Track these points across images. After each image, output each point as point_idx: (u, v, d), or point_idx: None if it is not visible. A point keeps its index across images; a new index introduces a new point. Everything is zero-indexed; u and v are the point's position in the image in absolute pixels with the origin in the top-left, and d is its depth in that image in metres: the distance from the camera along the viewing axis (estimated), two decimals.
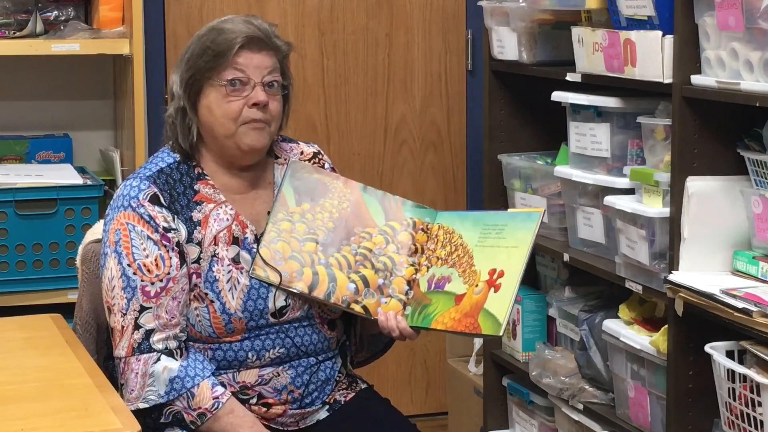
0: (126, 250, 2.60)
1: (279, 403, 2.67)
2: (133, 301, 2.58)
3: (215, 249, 2.63)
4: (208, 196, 2.66)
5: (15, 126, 4.08)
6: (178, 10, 4.28)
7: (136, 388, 2.58)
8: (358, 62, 4.49)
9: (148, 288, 2.58)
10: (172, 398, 2.57)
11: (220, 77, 2.61)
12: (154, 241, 2.59)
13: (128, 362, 2.59)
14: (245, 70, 2.62)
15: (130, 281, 2.58)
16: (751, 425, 2.63)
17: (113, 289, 2.60)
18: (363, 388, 2.82)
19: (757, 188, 2.86)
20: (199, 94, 2.64)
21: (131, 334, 2.58)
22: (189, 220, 2.63)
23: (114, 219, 2.63)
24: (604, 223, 3.28)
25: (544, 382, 3.52)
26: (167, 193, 2.63)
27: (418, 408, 4.61)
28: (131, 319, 2.58)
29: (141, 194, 2.61)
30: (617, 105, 3.19)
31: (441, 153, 4.60)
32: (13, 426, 2.17)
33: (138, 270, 2.58)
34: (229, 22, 2.65)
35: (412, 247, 2.71)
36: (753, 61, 2.69)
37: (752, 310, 2.61)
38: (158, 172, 2.66)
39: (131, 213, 2.61)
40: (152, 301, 2.58)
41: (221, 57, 2.61)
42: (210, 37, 2.63)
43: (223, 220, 2.64)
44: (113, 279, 2.60)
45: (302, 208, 2.70)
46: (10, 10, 3.82)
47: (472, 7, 4.41)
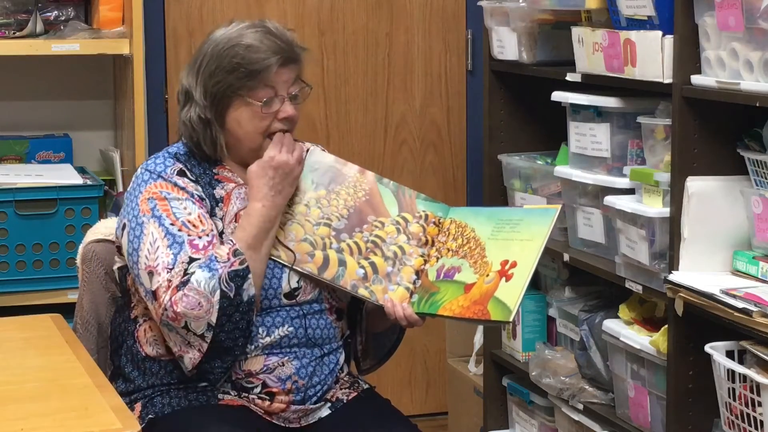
0: (165, 212, 2.62)
1: (282, 392, 2.68)
2: (181, 255, 2.59)
3: (235, 227, 2.67)
4: (228, 177, 2.73)
5: (15, 126, 4.08)
6: (178, 10, 4.28)
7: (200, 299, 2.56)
8: (358, 62, 4.49)
9: (196, 241, 2.61)
10: (215, 267, 2.56)
11: (253, 96, 2.66)
12: (192, 202, 2.64)
13: (174, 301, 2.56)
14: (275, 87, 2.68)
15: (176, 238, 2.60)
16: (751, 425, 2.63)
17: (156, 251, 2.60)
18: (365, 388, 2.84)
19: (757, 188, 2.86)
20: (228, 108, 2.68)
21: (177, 281, 2.57)
22: (212, 197, 2.68)
23: (143, 191, 2.65)
24: (604, 223, 3.28)
25: (544, 382, 3.52)
26: (192, 171, 2.69)
27: (418, 408, 4.61)
28: (179, 270, 2.58)
29: (168, 169, 2.68)
30: (617, 105, 3.19)
31: (441, 153, 4.60)
32: (13, 426, 2.17)
33: (183, 226, 2.61)
34: (253, 37, 2.67)
35: (423, 239, 2.76)
36: (753, 61, 2.69)
37: (752, 310, 2.61)
38: (175, 155, 2.72)
39: (163, 182, 2.65)
40: (201, 252, 2.60)
41: (256, 77, 2.65)
42: (238, 53, 2.65)
43: (243, 199, 2.70)
44: (156, 242, 2.60)
45: (318, 193, 2.76)
46: (10, 10, 3.82)
47: (472, 7, 4.41)
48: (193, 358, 2.61)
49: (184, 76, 2.73)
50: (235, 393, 2.68)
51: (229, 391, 2.68)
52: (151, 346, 2.71)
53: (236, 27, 2.71)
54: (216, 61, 2.67)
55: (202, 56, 2.69)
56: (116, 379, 2.76)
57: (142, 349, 2.72)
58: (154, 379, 2.70)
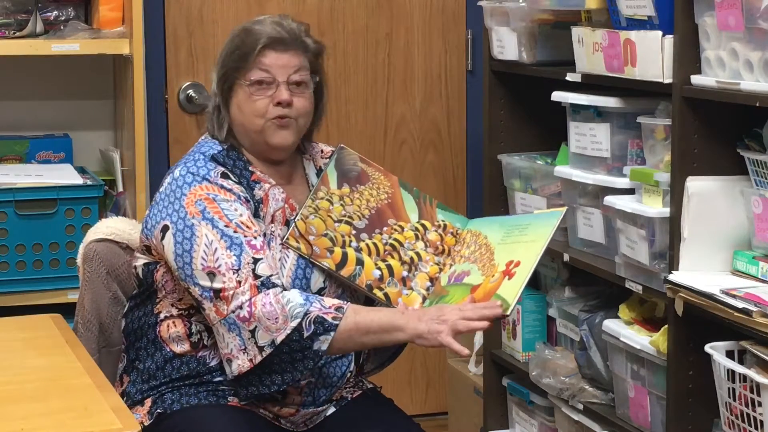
0: (217, 214, 2.63)
1: (295, 392, 2.68)
2: (244, 256, 2.60)
3: (273, 227, 2.71)
4: (262, 177, 2.75)
5: (15, 126, 4.08)
6: (178, 10, 4.28)
7: (278, 313, 2.57)
8: (358, 62, 4.49)
9: (253, 242, 2.63)
10: (312, 302, 2.57)
11: (246, 77, 2.71)
12: (240, 203, 2.66)
13: (255, 301, 2.58)
14: (270, 70, 2.71)
15: (234, 239, 2.61)
16: (751, 425, 2.63)
17: (215, 252, 2.60)
18: (369, 387, 2.85)
19: (757, 188, 2.86)
20: (231, 92, 2.74)
21: (252, 281, 2.59)
22: (253, 198, 2.71)
23: (188, 194, 2.66)
24: (604, 223, 3.28)
25: (544, 382, 3.52)
26: (232, 173, 2.72)
27: (418, 408, 4.61)
28: (248, 271, 2.60)
29: (211, 172, 2.69)
30: (617, 105, 3.19)
31: (441, 153, 4.60)
32: (13, 426, 2.17)
33: (238, 228, 2.63)
34: (260, 24, 2.75)
35: (440, 248, 2.79)
36: (753, 61, 2.69)
37: (752, 310, 2.61)
38: (212, 156, 2.74)
39: (209, 185, 2.67)
40: (261, 252, 2.62)
41: (246, 58, 2.71)
42: (240, 38, 2.74)
43: (279, 200, 2.74)
44: (212, 243, 2.61)
45: (342, 191, 2.80)
46: (10, 10, 3.82)
47: (472, 7, 4.41)
48: (242, 365, 2.60)
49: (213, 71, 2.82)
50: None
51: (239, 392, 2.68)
52: (175, 342, 2.71)
53: (253, 20, 2.79)
54: (226, 48, 2.76)
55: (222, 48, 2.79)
56: (129, 372, 2.76)
57: (165, 345, 2.72)
58: (174, 374, 2.70)
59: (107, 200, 3.83)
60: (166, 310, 2.73)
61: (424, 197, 2.84)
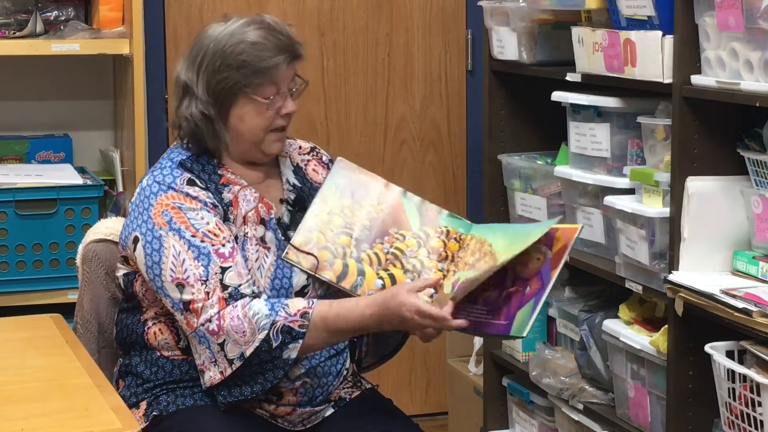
0: (183, 224, 2.62)
1: (290, 392, 2.68)
2: (211, 266, 2.59)
3: (245, 229, 2.68)
4: (232, 179, 2.72)
5: (15, 126, 4.08)
6: (178, 10, 4.28)
7: (246, 327, 2.57)
8: (358, 62, 4.49)
9: (221, 250, 2.61)
10: (277, 311, 2.57)
11: (260, 93, 2.67)
12: (207, 211, 2.64)
13: (223, 315, 2.57)
14: (280, 84, 2.69)
15: (201, 249, 2.60)
16: (751, 425, 2.63)
17: (183, 263, 2.60)
18: (368, 387, 2.84)
19: (757, 188, 2.86)
20: (232, 104, 2.68)
21: (220, 293, 2.58)
22: (222, 202, 2.68)
23: (155, 204, 2.64)
24: (604, 223, 3.28)
25: (544, 382, 3.52)
26: (199, 179, 2.69)
27: (418, 408, 4.61)
28: (215, 282, 2.59)
29: (177, 180, 2.67)
30: (617, 105, 3.19)
31: (441, 153, 4.60)
32: (13, 426, 2.17)
33: (205, 237, 2.61)
34: (257, 34, 2.66)
35: (443, 254, 2.76)
36: (753, 61, 2.69)
37: (752, 310, 2.61)
38: (180, 163, 2.71)
39: (175, 193, 2.65)
40: (229, 260, 2.61)
41: (264, 75, 2.66)
42: (245, 50, 2.65)
43: (250, 201, 2.71)
44: (180, 254, 2.60)
45: (342, 203, 2.77)
46: (10, 10, 3.82)
47: (472, 7, 4.41)
48: (213, 378, 2.61)
49: (181, 70, 2.72)
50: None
51: None
52: (164, 349, 2.71)
53: (236, 23, 2.70)
54: (220, 58, 2.66)
55: (203, 52, 2.68)
56: (125, 377, 2.76)
57: (155, 351, 2.72)
58: (167, 377, 2.70)
59: (107, 200, 3.83)
60: (153, 318, 2.72)
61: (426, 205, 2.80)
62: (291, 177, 2.81)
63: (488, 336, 2.70)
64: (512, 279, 2.60)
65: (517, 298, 2.56)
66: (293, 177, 2.82)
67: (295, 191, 2.79)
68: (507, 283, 2.60)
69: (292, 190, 2.79)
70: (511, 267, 2.60)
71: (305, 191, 2.81)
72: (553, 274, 2.56)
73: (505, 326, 2.53)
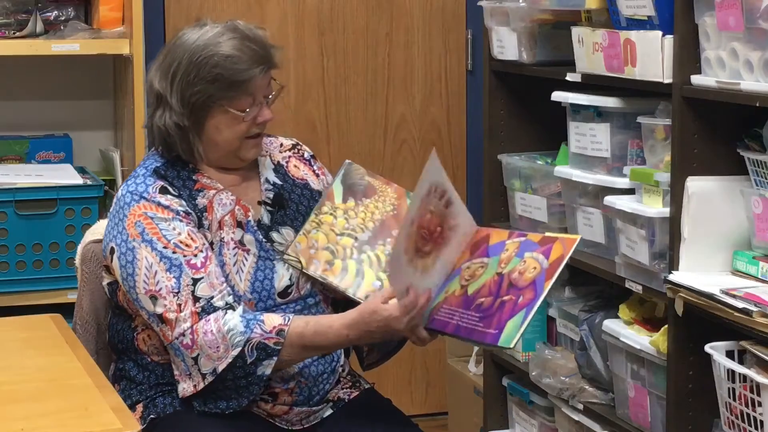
0: (155, 236, 2.61)
1: (285, 392, 2.68)
2: (183, 277, 2.59)
3: (221, 234, 2.67)
4: (207, 184, 2.71)
5: (15, 126, 4.08)
6: (178, 10, 4.28)
7: (219, 342, 2.56)
8: (358, 62, 4.49)
9: (193, 261, 2.60)
10: (252, 328, 2.56)
11: (235, 105, 2.65)
12: (179, 220, 2.63)
13: (196, 329, 2.57)
14: (255, 94, 2.67)
15: (173, 261, 2.59)
16: (751, 425, 2.63)
17: (155, 275, 2.59)
18: (366, 387, 2.84)
19: (757, 188, 2.86)
20: (206, 115, 2.66)
21: (192, 306, 2.58)
22: (196, 207, 2.67)
23: (128, 214, 2.64)
24: (604, 223, 3.28)
25: (544, 382, 3.52)
26: (172, 185, 2.67)
27: (418, 408, 4.61)
28: (187, 294, 2.58)
29: (150, 188, 2.65)
30: (617, 105, 3.19)
31: (441, 153, 4.59)
32: (13, 426, 2.17)
33: (176, 248, 2.60)
34: (231, 45, 2.64)
35: None
36: (753, 61, 2.69)
37: (752, 310, 2.61)
38: (154, 170, 2.69)
39: (147, 203, 2.63)
40: (201, 271, 2.60)
41: (238, 88, 2.64)
42: (218, 63, 2.62)
43: (226, 204, 2.69)
44: (152, 266, 2.59)
45: (347, 205, 2.78)
46: (10, 10, 3.82)
47: (472, 7, 4.41)
48: (186, 389, 2.61)
49: (155, 79, 2.69)
50: None
51: None
52: (154, 354, 2.71)
53: (210, 32, 2.67)
54: (194, 70, 2.63)
55: (177, 63, 2.65)
56: (120, 381, 2.76)
57: (145, 356, 2.72)
58: (159, 379, 2.70)
59: (107, 200, 3.83)
60: (142, 324, 2.72)
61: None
62: (271, 176, 2.80)
63: (476, 344, 2.67)
64: (507, 287, 2.59)
65: (509, 307, 2.54)
66: (273, 175, 2.81)
67: (274, 189, 2.78)
68: (502, 292, 2.59)
69: (271, 188, 2.78)
70: (507, 275, 2.59)
71: (286, 188, 2.80)
72: (546, 285, 2.53)
73: (494, 335, 2.51)
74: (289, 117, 4.44)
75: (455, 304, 2.60)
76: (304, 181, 2.84)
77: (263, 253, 2.71)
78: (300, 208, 2.80)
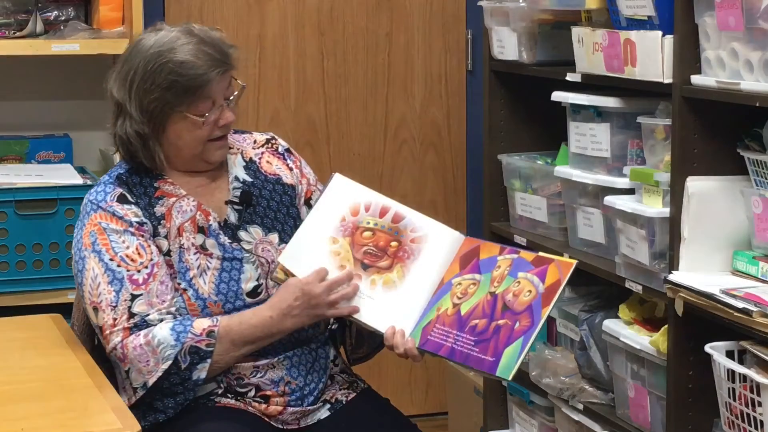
0: (105, 247, 2.62)
1: (277, 395, 2.68)
2: (123, 292, 2.60)
3: (181, 240, 2.67)
4: (169, 191, 2.71)
5: (15, 126, 4.08)
6: (178, 10, 4.28)
7: (149, 356, 2.57)
8: (358, 62, 4.49)
9: (135, 276, 2.61)
10: (183, 340, 2.57)
11: (194, 111, 2.65)
12: (131, 233, 2.64)
13: (126, 344, 2.59)
14: (214, 98, 2.66)
15: (116, 274, 2.61)
16: (751, 425, 2.63)
17: (98, 287, 2.61)
18: (364, 388, 2.83)
19: (757, 188, 2.86)
20: (166, 122, 2.66)
21: (126, 321, 2.59)
22: (153, 216, 2.67)
23: (86, 224, 2.67)
24: (604, 223, 3.28)
25: (544, 382, 3.52)
26: (131, 193, 2.68)
27: (418, 408, 4.61)
28: (124, 309, 2.60)
29: (108, 196, 2.67)
30: (617, 105, 3.19)
31: (441, 153, 4.60)
32: (13, 426, 2.17)
33: (122, 261, 2.61)
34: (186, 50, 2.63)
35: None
36: (753, 61, 2.69)
37: (752, 310, 2.61)
38: (117, 177, 2.72)
39: (102, 213, 2.65)
40: (141, 288, 2.61)
41: (193, 93, 2.63)
42: (173, 69, 2.62)
43: (186, 211, 2.70)
44: (96, 277, 2.62)
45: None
46: (10, 10, 3.82)
47: (472, 7, 4.41)
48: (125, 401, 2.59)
49: (114, 88, 2.69)
50: (232, 396, 2.68)
51: (225, 394, 2.68)
52: None
53: (165, 38, 2.66)
54: (150, 78, 2.63)
55: (133, 71, 2.65)
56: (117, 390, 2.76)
57: None
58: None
59: None
60: None
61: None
62: (241, 173, 2.79)
63: (472, 370, 2.66)
64: (501, 309, 2.57)
65: (505, 333, 2.52)
66: (243, 173, 2.79)
67: (243, 187, 2.77)
68: (497, 314, 2.57)
69: (240, 186, 2.77)
70: (500, 296, 2.58)
71: (257, 185, 2.78)
72: (543, 312, 2.52)
73: (491, 364, 2.51)
74: (289, 117, 4.45)
75: (448, 324, 2.59)
76: (277, 176, 2.83)
77: (228, 254, 2.70)
78: (271, 205, 2.78)
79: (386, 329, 2.63)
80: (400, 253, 2.69)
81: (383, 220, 2.71)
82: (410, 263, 2.67)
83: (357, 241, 2.69)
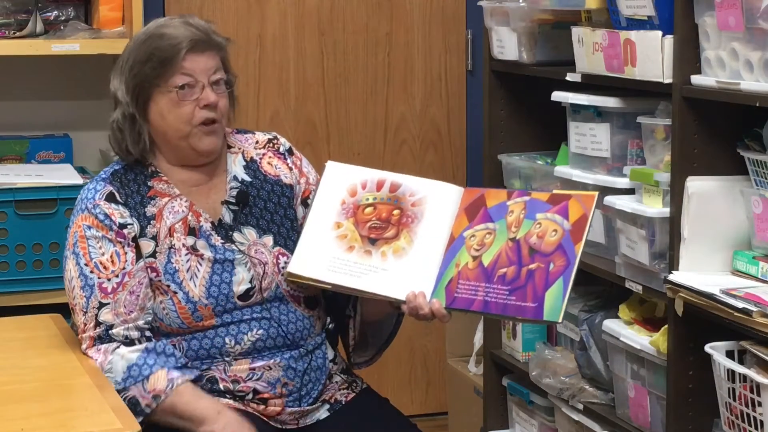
0: (83, 250, 2.64)
1: (274, 397, 2.68)
2: (92, 299, 2.62)
3: (171, 241, 2.67)
4: (162, 191, 2.71)
5: (15, 126, 4.07)
6: (178, 10, 4.28)
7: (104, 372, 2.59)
8: (358, 62, 4.49)
9: (105, 284, 2.62)
10: (128, 385, 2.57)
11: (169, 84, 2.66)
12: (109, 239, 2.64)
13: (88, 353, 2.62)
14: (193, 74, 2.67)
15: (88, 279, 2.63)
16: (751, 425, 2.63)
17: (73, 290, 2.64)
18: (363, 388, 2.83)
19: (757, 188, 2.86)
20: (148, 100, 2.68)
21: (92, 329, 2.61)
22: (143, 216, 2.67)
23: (73, 223, 2.68)
24: (604, 223, 3.28)
25: (544, 382, 3.52)
26: (122, 191, 2.68)
27: (418, 408, 4.61)
28: (91, 316, 2.61)
29: (97, 195, 2.68)
30: (617, 105, 3.19)
31: (441, 153, 4.60)
32: (13, 426, 2.17)
33: (95, 268, 2.63)
34: (169, 27, 2.69)
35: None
36: (753, 61, 2.69)
37: (752, 310, 2.61)
38: (112, 173, 2.72)
39: (87, 215, 2.66)
40: (109, 297, 2.62)
41: (168, 63, 2.65)
42: (152, 44, 2.67)
43: (178, 212, 2.69)
44: (72, 279, 2.64)
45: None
46: (10, 10, 3.81)
47: (472, 7, 4.41)
48: None
49: (112, 81, 2.73)
50: (230, 396, 2.68)
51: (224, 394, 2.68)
52: None
53: (155, 23, 2.73)
54: (133, 55, 2.69)
55: (125, 59, 2.71)
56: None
57: None
58: None
59: None
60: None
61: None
62: (240, 173, 2.78)
63: (515, 320, 2.58)
64: (529, 253, 2.52)
65: (541, 277, 2.46)
66: (243, 172, 2.79)
67: (240, 186, 2.76)
68: (524, 259, 2.52)
69: (237, 186, 2.76)
70: (524, 239, 2.53)
71: (255, 185, 2.78)
72: (577, 248, 2.46)
73: (535, 309, 2.44)
74: (289, 117, 4.45)
75: (473, 277, 2.54)
76: (277, 177, 2.82)
77: (219, 255, 2.69)
78: (268, 206, 2.78)
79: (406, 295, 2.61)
80: (403, 220, 2.68)
81: (381, 193, 2.71)
82: (415, 226, 2.66)
83: (360, 219, 2.69)
